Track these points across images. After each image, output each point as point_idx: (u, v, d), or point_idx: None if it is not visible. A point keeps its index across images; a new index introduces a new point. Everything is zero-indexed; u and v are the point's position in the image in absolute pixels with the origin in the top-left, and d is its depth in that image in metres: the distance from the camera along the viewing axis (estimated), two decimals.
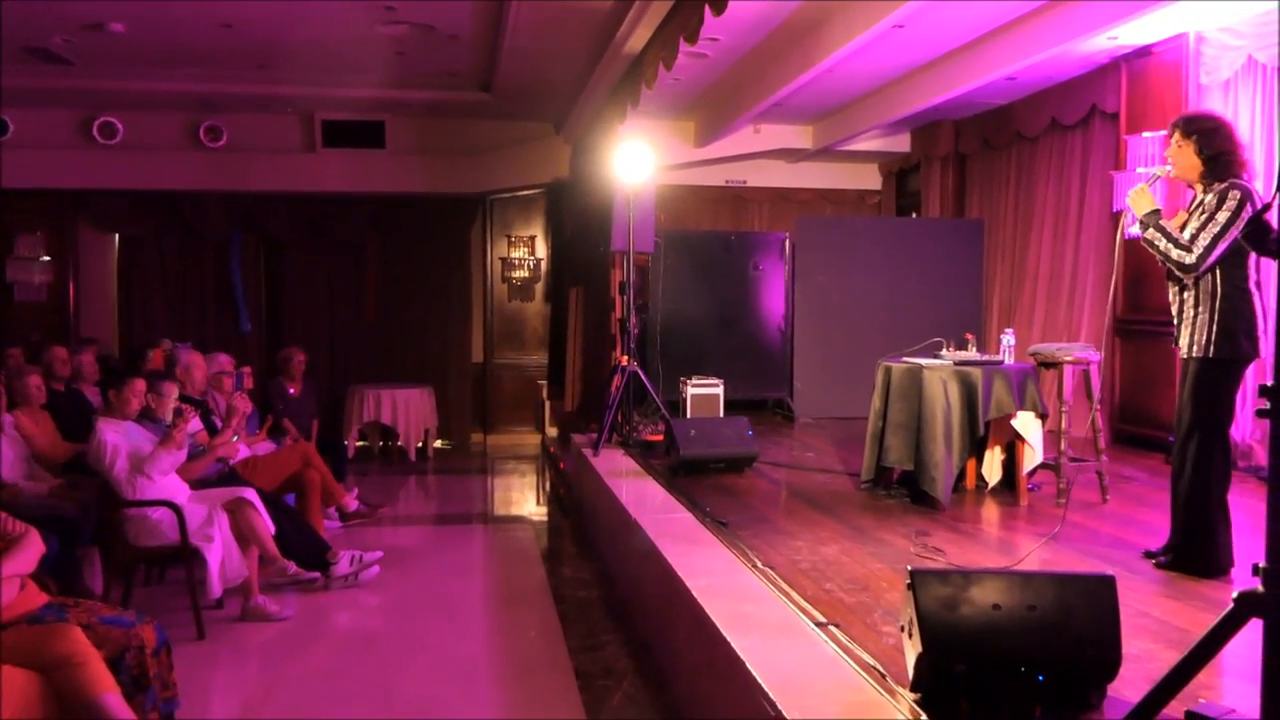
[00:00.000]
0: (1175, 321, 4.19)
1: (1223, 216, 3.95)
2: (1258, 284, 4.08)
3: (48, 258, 10.68)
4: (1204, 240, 3.97)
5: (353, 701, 4.21)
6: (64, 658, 3.07)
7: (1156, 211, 4.15)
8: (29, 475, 5.47)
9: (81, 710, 3.07)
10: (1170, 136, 4.21)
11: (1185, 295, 4.12)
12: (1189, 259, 4.01)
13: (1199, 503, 4.08)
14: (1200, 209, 4.07)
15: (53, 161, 10.25)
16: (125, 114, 10.26)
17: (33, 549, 3.48)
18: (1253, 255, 3.99)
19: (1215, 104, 6.57)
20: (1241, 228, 3.89)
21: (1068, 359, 5.50)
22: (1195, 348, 4.06)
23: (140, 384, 5.22)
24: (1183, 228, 4.10)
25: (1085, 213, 8.07)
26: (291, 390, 8.23)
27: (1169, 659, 2.78)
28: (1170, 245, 4.07)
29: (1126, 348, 7.50)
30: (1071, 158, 8.27)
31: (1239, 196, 3.95)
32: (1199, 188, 4.15)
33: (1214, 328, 4.01)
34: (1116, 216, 7.52)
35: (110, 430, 4.97)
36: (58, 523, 4.67)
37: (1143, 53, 7.15)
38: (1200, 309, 4.05)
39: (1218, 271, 4.01)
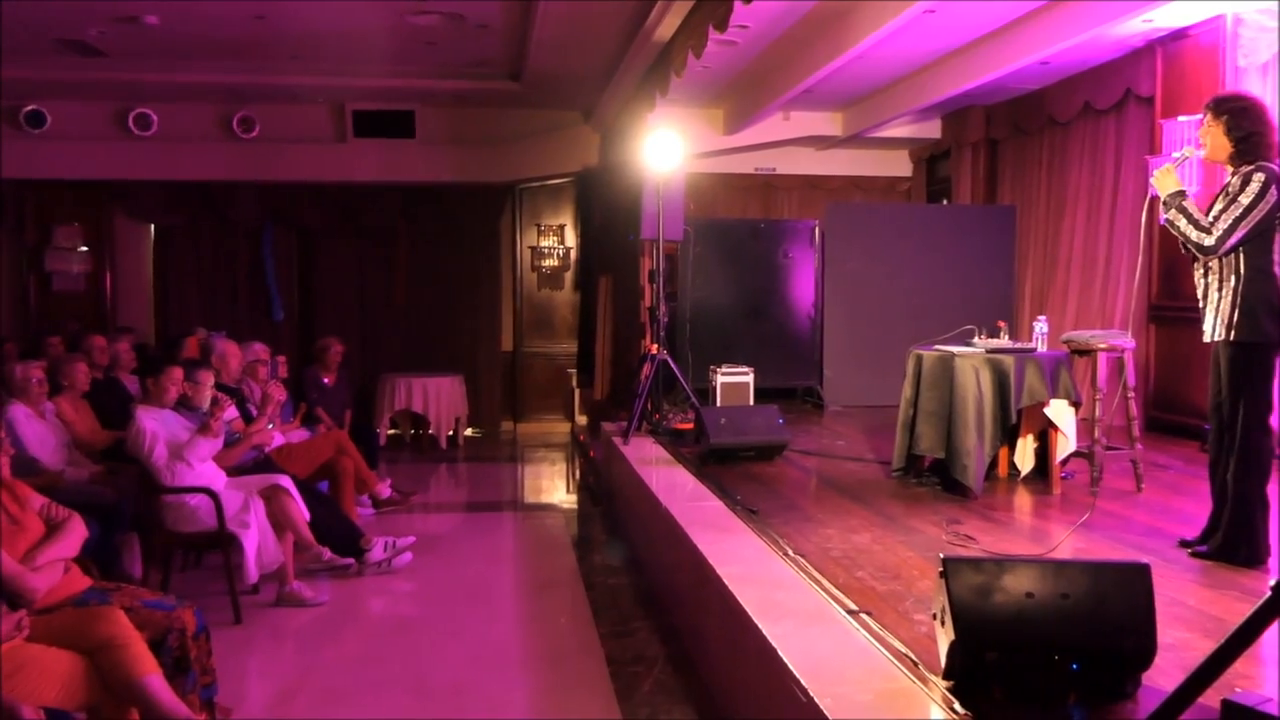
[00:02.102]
0: (1200, 305, 4.16)
1: (1245, 199, 3.92)
2: None
3: (85, 248, 10.82)
4: (1224, 222, 3.94)
5: (386, 686, 4.26)
6: (107, 640, 3.12)
7: (1181, 193, 4.11)
8: (70, 462, 5.56)
9: (125, 691, 3.13)
10: (1203, 117, 4.16)
11: (1209, 279, 4.09)
12: (1208, 240, 3.98)
13: (1238, 492, 4.04)
14: (1225, 190, 4.04)
15: (89, 153, 10.38)
16: (160, 105, 10.36)
17: (75, 534, 3.55)
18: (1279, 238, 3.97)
19: (1253, 87, 6.47)
20: (1267, 210, 3.87)
21: (1101, 346, 5.46)
22: (1217, 331, 4.04)
23: (177, 372, 5.28)
24: (1208, 210, 4.06)
25: (1119, 198, 7.99)
26: (326, 380, 8.29)
27: (1204, 648, 2.76)
28: (1190, 226, 4.04)
29: (1161, 334, 7.43)
30: (1105, 142, 8.18)
31: (1263, 179, 3.91)
32: (1230, 169, 4.10)
33: (1235, 310, 3.98)
34: (1151, 202, 7.43)
35: (149, 418, 5.04)
36: (98, 509, 4.74)
37: (1179, 35, 7.05)
38: (1222, 292, 4.03)
39: (1241, 254, 3.98)
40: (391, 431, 10.52)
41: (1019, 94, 9.12)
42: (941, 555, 2.87)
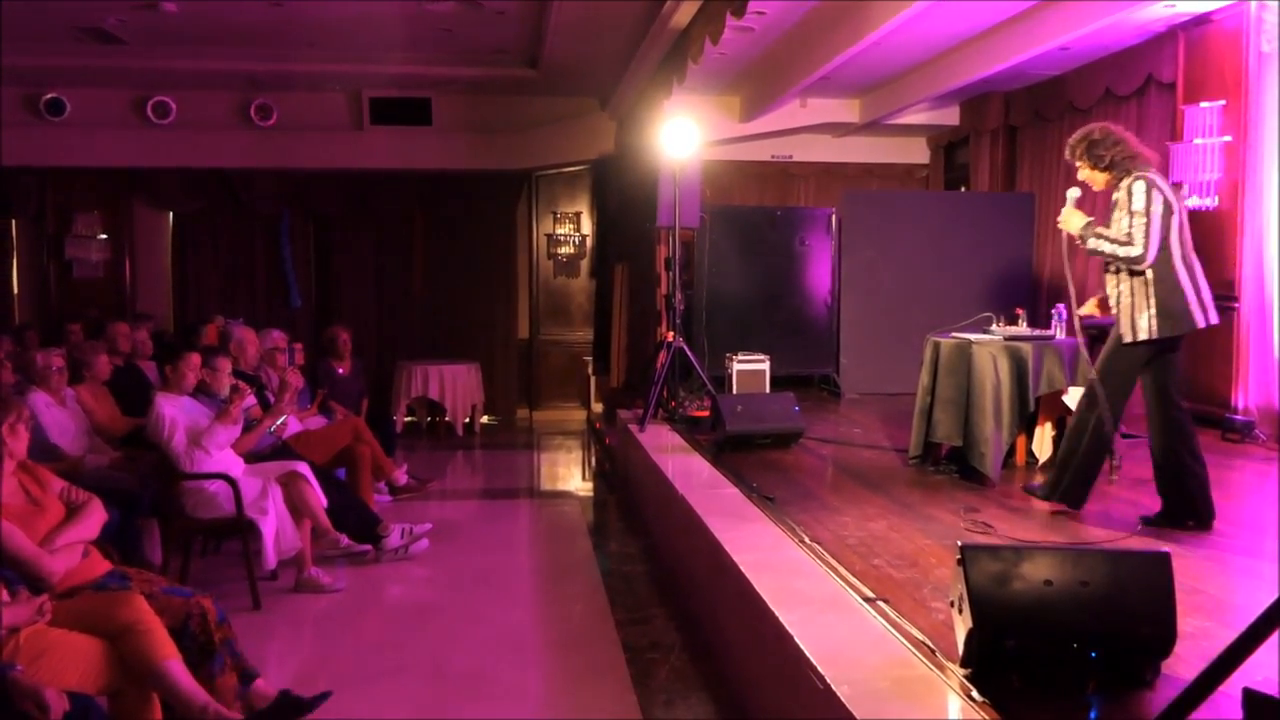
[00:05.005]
0: (1115, 310, 4.53)
1: (1138, 205, 4.34)
2: (1184, 259, 4.41)
3: (104, 235, 10.88)
4: (1138, 235, 4.33)
5: (403, 671, 4.28)
6: (128, 624, 3.15)
7: (1090, 222, 4.52)
8: (90, 449, 5.60)
9: (145, 676, 3.16)
10: (1075, 165, 4.66)
11: (1122, 287, 4.47)
12: (1136, 251, 4.34)
13: (1177, 464, 4.47)
14: (1117, 207, 4.44)
15: (108, 140, 10.43)
16: (178, 93, 10.39)
17: (95, 516, 3.57)
18: (1177, 234, 4.38)
19: (1276, 72, 6.42)
20: (1162, 210, 4.31)
21: None
22: (1139, 333, 4.40)
23: (195, 359, 5.31)
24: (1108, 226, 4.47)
25: None
26: (340, 370, 8.25)
27: (1224, 636, 2.75)
28: (1116, 247, 4.40)
29: None
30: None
31: (1144, 185, 4.35)
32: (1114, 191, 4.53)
33: (1152, 311, 4.38)
34: (1173, 189, 7.36)
35: (168, 404, 5.07)
36: (118, 495, 4.77)
37: (1201, 20, 6.98)
38: (1135, 297, 4.42)
39: None
40: (408, 419, 10.55)
41: (1038, 80, 9.04)
42: (959, 543, 2.86)
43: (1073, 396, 5.47)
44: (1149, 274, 4.36)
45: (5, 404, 3.54)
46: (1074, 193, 4.70)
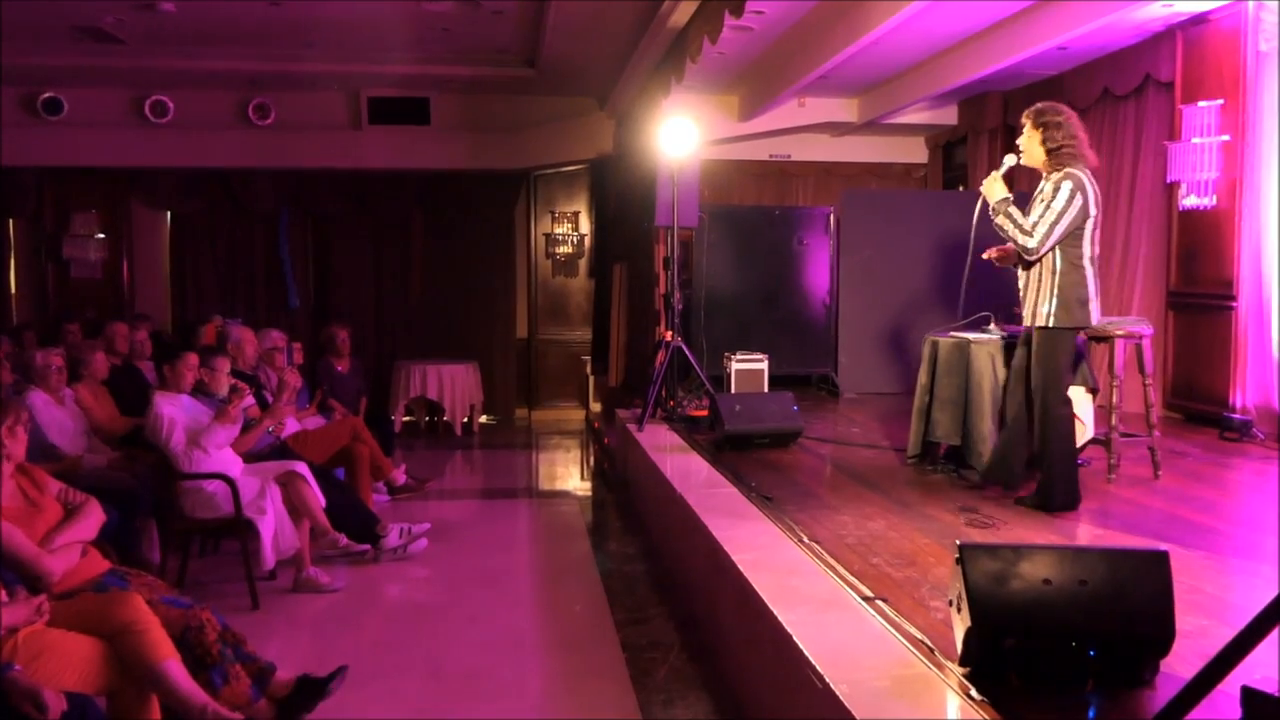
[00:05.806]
0: (1021, 295, 4.75)
1: (1058, 204, 4.46)
2: (1093, 259, 4.61)
3: (102, 235, 10.87)
4: (1041, 227, 4.49)
5: (402, 671, 4.28)
6: (126, 624, 3.14)
7: (1007, 199, 4.67)
8: (89, 449, 5.60)
9: (144, 676, 3.15)
10: (1024, 125, 4.67)
11: (1030, 272, 4.67)
12: (1030, 243, 4.53)
13: (1045, 451, 4.67)
14: (1040, 196, 4.56)
15: (106, 140, 10.43)
16: (176, 92, 10.39)
17: (93, 517, 3.57)
18: (1088, 234, 4.53)
19: (1275, 71, 6.43)
20: (1076, 213, 4.43)
21: (1119, 333, 5.42)
22: (1037, 318, 4.62)
23: (193, 358, 5.31)
24: (1028, 213, 4.58)
25: (1138, 184, 7.92)
26: (340, 368, 8.27)
27: (1223, 635, 2.75)
28: (1016, 230, 4.58)
29: (1179, 321, 7.37)
30: (1124, 128, 8.10)
31: (1071, 186, 4.45)
32: (1044, 174, 4.63)
33: (1054, 301, 4.57)
34: (1170, 188, 7.39)
35: (167, 404, 5.07)
36: (117, 495, 4.77)
37: (1199, 20, 6.98)
38: (1041, 283, 4.60)
39: (1057, 251, 4.55)
40: (407, 418, 10.55)
41: (1037, 79, 9.04)
42: (958, 542, 2.86)
43: (1071, 396, 5.47)
44: (1058, 265, 4.54)
45: (4, 406, 3.53)
46: (1010, 159, 4.80)
